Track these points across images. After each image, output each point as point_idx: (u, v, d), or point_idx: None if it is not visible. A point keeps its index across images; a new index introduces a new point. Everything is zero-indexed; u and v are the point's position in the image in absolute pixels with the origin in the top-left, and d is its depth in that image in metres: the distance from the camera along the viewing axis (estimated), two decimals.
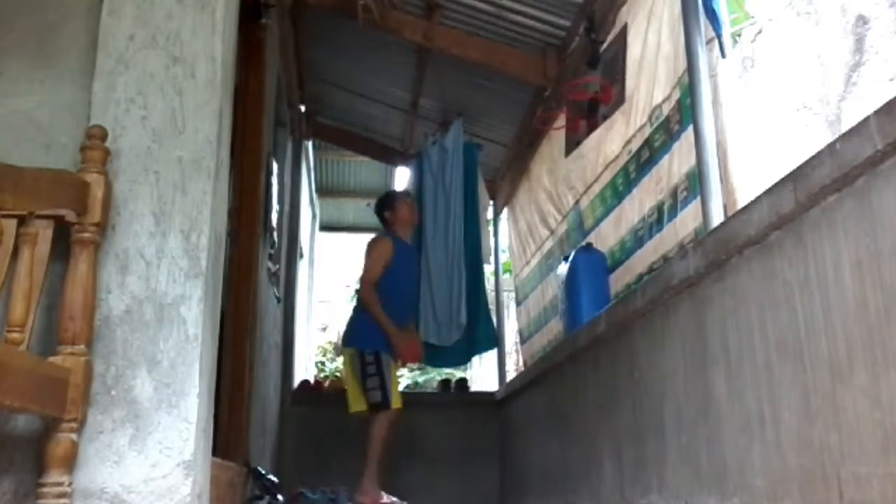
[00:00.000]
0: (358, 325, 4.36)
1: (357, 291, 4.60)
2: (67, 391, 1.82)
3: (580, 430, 3.33)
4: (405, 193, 5.04)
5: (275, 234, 4.74)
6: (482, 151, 5.73)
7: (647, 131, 3.35)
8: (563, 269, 3.88)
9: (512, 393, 5.11)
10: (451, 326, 5.33)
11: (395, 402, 4.10)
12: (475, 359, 8.00)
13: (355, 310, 4.45)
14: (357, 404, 4.23)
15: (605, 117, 3.80)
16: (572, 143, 4.22)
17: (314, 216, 8.82)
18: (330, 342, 11.15)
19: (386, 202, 4.62)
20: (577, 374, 3.41)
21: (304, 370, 7.87)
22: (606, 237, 3.83)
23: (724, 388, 2.01)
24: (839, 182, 1.52)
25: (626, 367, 2.74)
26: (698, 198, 2.65)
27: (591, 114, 3.96)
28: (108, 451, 1.89)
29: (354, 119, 6.46)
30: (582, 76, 4.10)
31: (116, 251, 2.02)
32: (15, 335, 1.73)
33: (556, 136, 4.64)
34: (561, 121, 4.44)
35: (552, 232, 4.88)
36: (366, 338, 4.26)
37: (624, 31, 3.65)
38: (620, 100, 3.62)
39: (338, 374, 9.72)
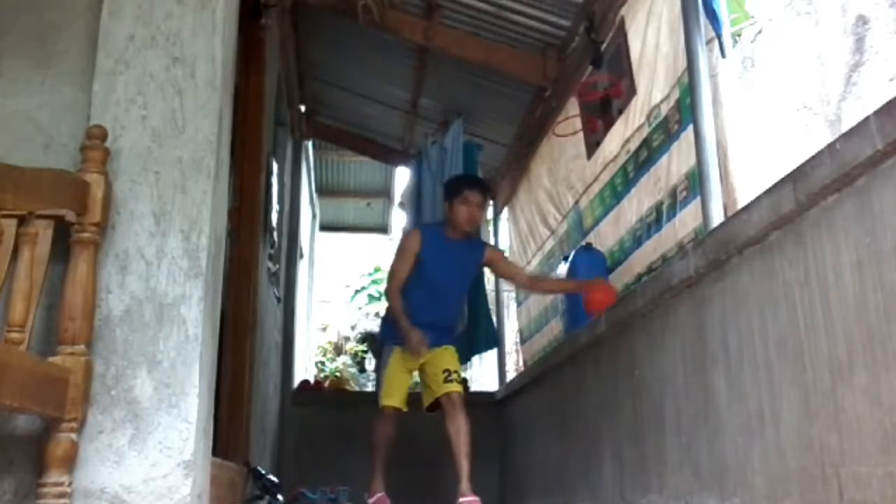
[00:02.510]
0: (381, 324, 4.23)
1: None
2: (67, 391, 1.82)
3: (580, 429, 3.33)
4: (473, 186, 3.94)
5: (275, 234, 4.74)
6: (482, 151, 5.73)
7: (646, 131, 3.34)
8: (563, 269, 3.88)
9: (512, 393, 5.10)
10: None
11: (384, 399, 3.81)
12: (475, 359, 7.98)
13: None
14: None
15: (621, 111, 3.72)
16: (592, 144, 4.11)
17: (314, 216, 8.82)
18: (330, 342, 11.16)
19: (447, 191, 4.00)
20: (577, 374, 3.41)
21: (304, 370, 7.87)
22: (606, 237, 3.83)
23: (724, 388, 2.01)
24: (839, 182, 1.52)
25: (626, 367, 2.74)
26: (698, 198, 2.65)
27: (605, 111, 3.92)
28: (108, 451, 1.89)
29: (354, 119, 6.46)
30: (587, 76, 4.09)
31: (116, 251, 2.02)
32: (15, 335, 1.73)
33: (557, 137, 4.63)
34: (574, 126, 4.38)
35: (553, 232, 4.88)
36: (379, 335, 4.20)
37: (622, 26, 3.65)
38: (633, 91, 3.55)
39: (338, 374, 9.72)
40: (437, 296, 3.82)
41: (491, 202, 6.29)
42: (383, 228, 9.29)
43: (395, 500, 4.06)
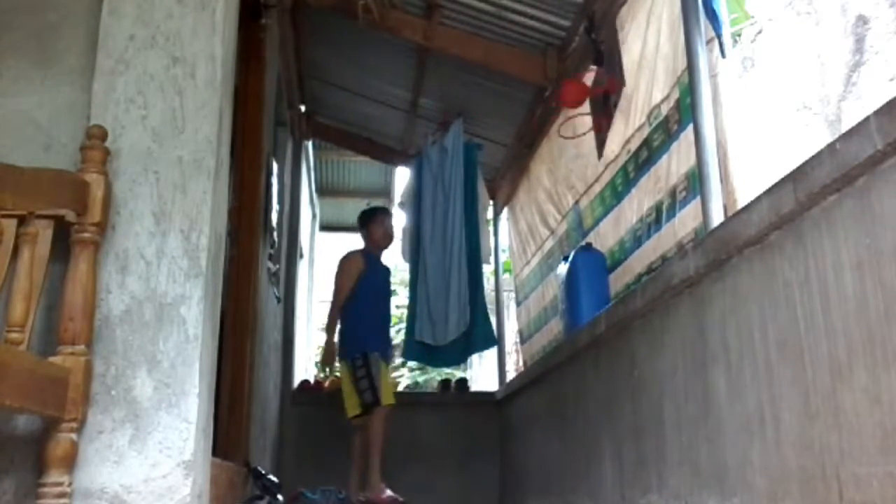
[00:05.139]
0: (345, 337, 4.72)
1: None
2: (67, 391, 1.82)
3: (580, 429, 3.33)
4: (384, 212, 5.19)
5: (275, 234, 4.74)
6: (482, 151, 5.73)
7: (646, 131, 3.34)
8: (562, 269, 3.88)
9: (512, 393, 5.10)
10: (446, 326, 5.32)
11: (388, 398, 4.33)
12: (475, 359, 7.99)
13: (341, 323, 4.74)
14: (352, 409, 4.38)
15: (616, 105, 3.78)
16: (601, 143, 4.15)
17: (314, 216, 8.81)
18: None
19: (363, 222, 4.98)
20: (577, 374, 3.41)
21: (304, 370, 7.87)
22: (606, 237, 3.83)
23: (724, 388, 2.01)
24: (839, 182, 1.52)
25: (626, 367, 2.74)
26: (697, 198, 2.65)
27: (605, 107, 3.93)
28: (108, 451, 1.89)
29: (354, 119, 6.46)
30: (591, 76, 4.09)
31: (116, 251, 2.02)
32: (15, 335, 1.73)
33: (556, 136, 4.63)
34: (576, 126, 4.37)
35: (552, 232, 4.88)
36: (352, 345, 4.61)
37: (612, 25, 3.68)
38: (622, 83, 3.65)
39: (337, 374, 9.71)
40: (381, 305, 4.76)
41: (491, 202, 6.30)
42: None
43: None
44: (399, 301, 8.37)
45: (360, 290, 4.62)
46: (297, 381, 6.13)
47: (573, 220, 4.41)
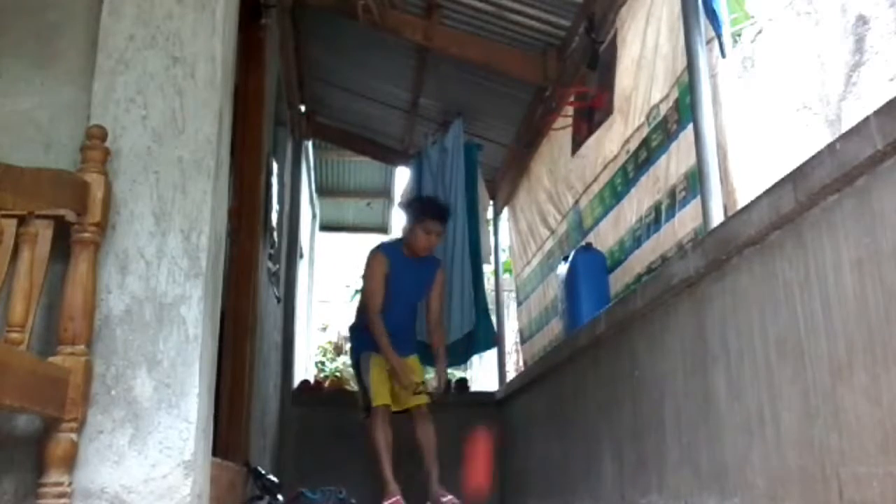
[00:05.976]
0: (350, 339, 4.56)
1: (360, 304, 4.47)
2: (67, 391, 1.82)
3: (580, 430, 3.33)
4: (436, 216, 4.26)
5: (275, 234, 4.74)
6: (482, 151, 5.73)
7: (645, 131, 3.34)
8: (562, 269, 3.88)
9: (512, 393, 5.10)
10: (449, 327, 5.32)
11: (376, 400, 4.08)
12: (475, 359, 7.98)
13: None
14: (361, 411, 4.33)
15: (600, 123, 3.84)
16: (576, 144, 4.24)
17: (314, 216, 8.82)
18: (330, 342, 11.16)
19: (408, 212, 4.36)
20: (577, 374, 3.41)
21: (304, 370, 7.88)
22: (606, 237, 3.83)
23: (724, 388, 2.01)
24: (839, 182, 1.52)
25: (626, 367, 2.74)
26: (697, 198, 2.65)
27: (590, 117, 3.99)
28: (108, 451, 1.89)
29: (354, 119, 6.46)
30: (580, 80, 4.12)
31: (116, 251, 2.02)
32: (15, 335, 1.73)
33: (556, 137, 4.64)
34: (566, 121, 4.43)
35: (553, 232, 4.88)
36: (352, 348, 4.49)
37: (615, 37, 3.68)
38: (609, 109, 3.67)
39: (338, 374, 9.72)
40: (397, 308, 4.19)
41: (491, 202, 6.30)
42: (383, 228, 9.29)
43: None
44: None
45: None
46: (297, 381, 6.13)
47: (573, 221, 4.41)
